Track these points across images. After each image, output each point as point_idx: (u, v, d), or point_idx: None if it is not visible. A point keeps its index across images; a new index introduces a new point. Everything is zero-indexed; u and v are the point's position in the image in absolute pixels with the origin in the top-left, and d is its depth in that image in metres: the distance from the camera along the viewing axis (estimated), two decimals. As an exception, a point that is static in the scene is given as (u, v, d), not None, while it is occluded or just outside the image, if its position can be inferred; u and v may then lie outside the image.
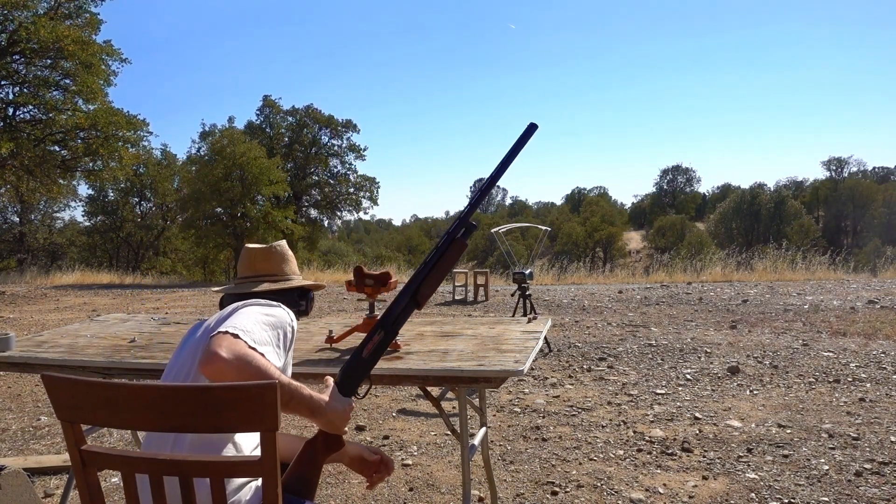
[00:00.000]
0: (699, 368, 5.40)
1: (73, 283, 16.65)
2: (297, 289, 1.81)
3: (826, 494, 2.87)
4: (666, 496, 2.91)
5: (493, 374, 1.83)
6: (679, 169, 74.04)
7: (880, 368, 5.22)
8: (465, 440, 2.01)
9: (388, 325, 1.46)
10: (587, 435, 3.77)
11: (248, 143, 23.03)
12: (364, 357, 1.44)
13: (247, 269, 1.82)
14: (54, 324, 8.94)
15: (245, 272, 1.82)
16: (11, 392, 5.09)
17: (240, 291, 1.74)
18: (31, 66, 14.98)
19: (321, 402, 1.39)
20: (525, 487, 3.06)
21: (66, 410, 1.15)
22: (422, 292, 1.48)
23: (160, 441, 1.37)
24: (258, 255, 1.82)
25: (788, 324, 7.50)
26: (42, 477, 3.24)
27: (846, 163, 64.05)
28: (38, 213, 29.23)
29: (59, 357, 2.22)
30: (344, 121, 31.34)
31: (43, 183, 15.74)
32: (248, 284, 1.78)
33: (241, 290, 1.75)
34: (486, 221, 57.47)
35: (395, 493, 3.02)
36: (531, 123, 1.55)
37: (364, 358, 1.44)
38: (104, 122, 14.92)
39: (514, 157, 1.55)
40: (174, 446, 1.35)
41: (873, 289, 10.74)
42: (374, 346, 1.44)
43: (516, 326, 2.45)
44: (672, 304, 9.80)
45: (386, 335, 1.45)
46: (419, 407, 4.45)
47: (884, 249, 25.45)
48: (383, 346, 1.46)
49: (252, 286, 1.75)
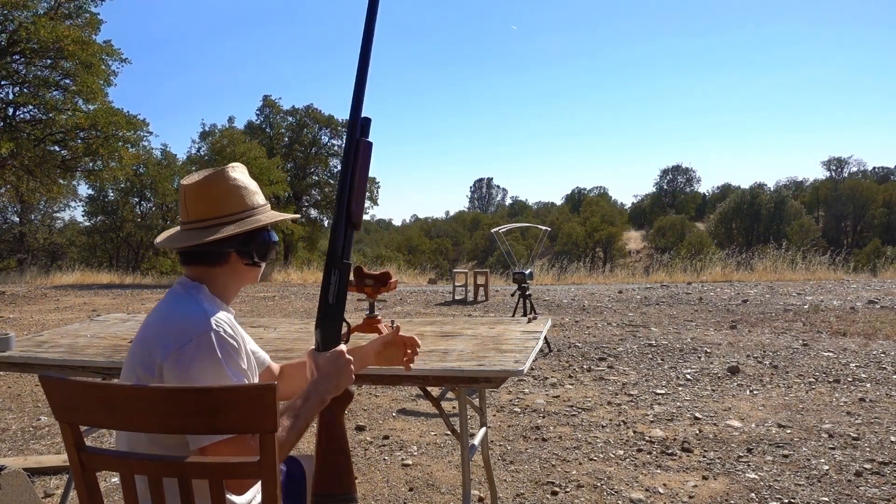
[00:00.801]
0: (699, 368, 5.39)
1: (73, 283, 16.65)
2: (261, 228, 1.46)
3: (826, 494, 2.87)
4: (666, 496, 2.91)
5: (493, 374, 1.82)
6: (679, 169, 74.04)
7: (880, 368, 5.22)
8: (465, 440, 2.01)
9: (338, 259, 1.40)
10: (587, 435, 3.77)
11: (248, 143, 23.06)
12: (332, 303, 1.40)
13: (201, 209, 1.43)
14: (54, 324, 8.94)
15: (198, 214, 1.43)
16: (11, 392, 5.09)
17: (191, 244, 1.40)
18: (31, 66, 14.97)
19: (313, 389, 1.34)
20: (525, 487, 3.06)
21: (65, 412, 1.15)
22: (354, 211, 1.41)
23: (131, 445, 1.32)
24: (214, 188, 1.43)
25: (788, 324, 7.50)
26: (42, 477, 3.24)
27: (846, 163, 64.13)
28: (38, 213, 29.25)
29: (59, 357, 2.22)
30: (344, 121, 31.32)
31: (43, 183, 15.74)
32: (201, 232, 1.42)
33: (193, 241, 1.40)
34: (486, 221, 57.52)
35: (395, 493, 3.02)
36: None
37: (332, 304, 1.40)
38: (104, 122, 14.91)
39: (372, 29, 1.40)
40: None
41: (873, 289, 10.74)
42: (336, 288, 1.40)
43: (516, 326, 2.45)
44: (672, 304, 9.80)
45: (341, 271, 1.40)
46: (419, 407, 4.45)
47: (884, 249, 25.45)
48: (344, 284, 1.40)
49: (208, 234, 1.40)
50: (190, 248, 1.42)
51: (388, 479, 3.19)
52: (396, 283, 2.26)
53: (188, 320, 1.31)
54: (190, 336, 1.28)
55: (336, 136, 31.41)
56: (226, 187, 1.44)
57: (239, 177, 1.47)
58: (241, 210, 1.44)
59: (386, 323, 2.26)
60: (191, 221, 1.44)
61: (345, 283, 1.40)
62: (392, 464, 3.40)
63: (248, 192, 1.47)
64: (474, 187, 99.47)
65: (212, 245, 1.40)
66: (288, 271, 19.24)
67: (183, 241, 1.42)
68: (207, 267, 1.44)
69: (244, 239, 1.43)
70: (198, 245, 1.40)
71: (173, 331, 1.30)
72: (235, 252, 1.43)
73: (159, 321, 1.36)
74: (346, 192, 1.39)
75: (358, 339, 2.32)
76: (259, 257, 1.46)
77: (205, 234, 1.40)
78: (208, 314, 1.32)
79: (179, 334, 1.28)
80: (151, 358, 1.29)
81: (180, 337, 1.28)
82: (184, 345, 1.27)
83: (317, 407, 1.34)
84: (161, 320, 1.36)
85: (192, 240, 1.41)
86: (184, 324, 1.30)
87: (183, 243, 1.42)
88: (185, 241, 1.42)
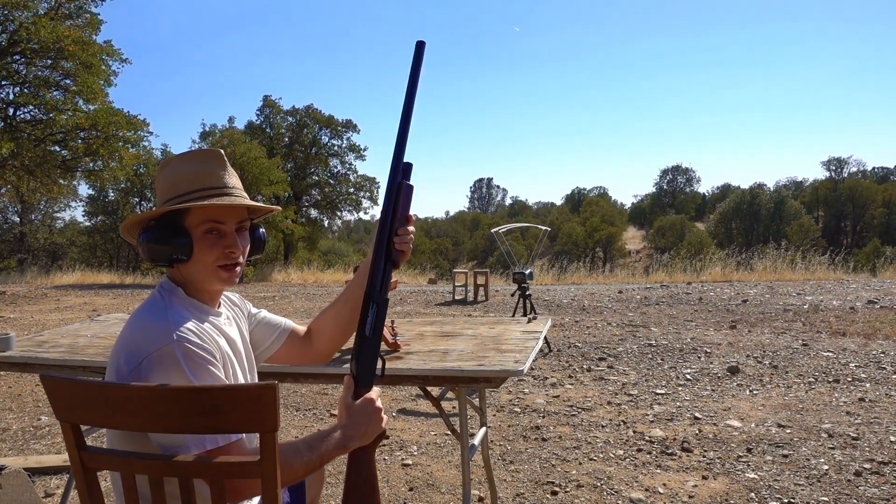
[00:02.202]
0: (699, 368, 5.40)
1: (74, 283, 16.65)
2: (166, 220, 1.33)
3: (826, 494, 2.88)
4: (666, 496, 2.91)
5: (493, 374, 1.83)
6: (679, 169, 74.08)
7: (880, 368, 5.22)
8: (465, 440, 2.01)
9: (376, 294, 1.38)
10: (587, 435, 3.78)
11: (248, 143, 23.04)
12: (368, 336, 1.37)
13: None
14: (55, 324, 8.94)
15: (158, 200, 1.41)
16: (12, 392, 5.10)
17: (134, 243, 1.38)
18: (32, 66, 14.97)
19: (340, 433, 1.28)
20: (525, 487, 3.06)
21: (66, 411, 1.15)
22: (394, 249, 1.40)
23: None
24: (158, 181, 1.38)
25: (788, 324, 7.50)
26: (42, 477, 3.24)
27: (846, 163, 64.12)
28: (39, 213, 29.26)
29: (59, 357, 2.22)
30: (344, 121, 31.33)
31: (43, 183, 15.74)
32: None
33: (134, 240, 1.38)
34: (486, 221, 57.52)
35: (395, 493, 3.02)
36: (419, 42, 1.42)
37: (368, 336, 1.37)
38: (104, 122, 14.91)
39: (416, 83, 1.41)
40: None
41: (873, 289, 10.74)
42: (373, 321, 1.37)
43: (516, 326, 2.45)
44: (672, 304, 9.80)
45: (379, 306, 1.38)
46: (419, 407, 4.45)
47: (883, 249, 25.45)
48: (382, 318, 1.38)
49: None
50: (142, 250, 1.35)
51: (388, 479, 3.19)
52: (397, 283, 2.27)
53: (148, 332, 1.24)
54: (149, 351, 1.21)
55: (336, 137, 31.41)
56: (159, 178, 1.37)
57: (176, 166, 1.38)
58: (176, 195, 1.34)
59: (386, 323, 2.26)
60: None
61: (382, 318, 1.39)
62: (392, 464, 3.41)
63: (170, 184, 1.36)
64: (474, 187, 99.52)
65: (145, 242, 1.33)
66: (288, 271, 19.24)
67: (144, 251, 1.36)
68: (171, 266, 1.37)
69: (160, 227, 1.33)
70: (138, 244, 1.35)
71: (135, 342, 1.24)
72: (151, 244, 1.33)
73: (126, 330, 1.30)
74: (387, 231, 1.39)
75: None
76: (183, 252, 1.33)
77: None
78: (171, 325, 1.24)
79: (138, 349, 1.23)
80: (120, 370, 1.25)
81: (139, 352, 1.22)
82: (142, 360, 1.21)
83: (337, 451, 1.28)
84: (128, 329, 1.30)
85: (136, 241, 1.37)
86: (143, 336, 1.24)
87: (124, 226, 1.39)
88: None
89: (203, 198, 1.32)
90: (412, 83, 1.41)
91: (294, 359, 1.67)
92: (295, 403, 4.61)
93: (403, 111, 1.40)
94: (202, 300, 1.41)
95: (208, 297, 1.43)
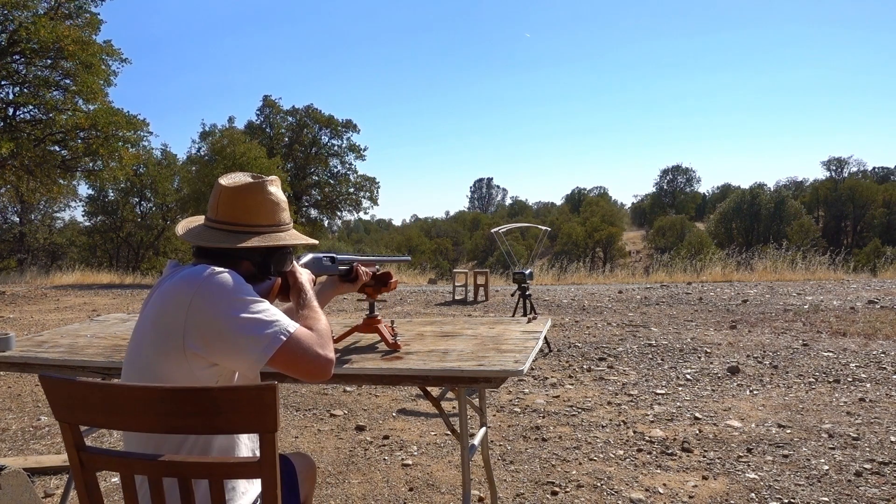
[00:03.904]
0: (699, 368, 5.39)
1: (73, 283, 16.65)
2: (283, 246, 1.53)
3: (826, 494, 2.87)
4: (666, 496, 2.91)
5: (493, 374, 1.82)
6: (679, 169, 74.11)
7: (880, 368, 5.22)
8: (465, 440, 2.01)
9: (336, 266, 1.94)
10: (587, 435, 3.77)
11: (248, 143, 23.05)
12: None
13: (231, 213, 1.47)
14: (54, 324, 8.94)
15: (228, 216, 1.47)
16: (11, 392, 5.09)
17: (219, 245, 1.44)
18: (32, 66, 14.98)
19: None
20: (525, 487, 3.06)
21: (65, 411, 1.15)
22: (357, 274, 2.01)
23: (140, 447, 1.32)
24: (249, 198, 1.47)
25: (788, 324, 7.50)
26: (42, 477, 3.24)
27: (846, 163, 64.18)
28: (39, 213, 29.25)
29: (59, 357, 2.22)
30: (344, 121, 31.37)
31: (43, 183, 15.74)
32: (228, 235, 1.46)
33: (220, 243, 1.44)
34: (486, 221, 57.53)
35: (395, 493, 3.02)
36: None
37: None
38: (104, 122, 14.91)
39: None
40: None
41: (873, 289, 10.74)
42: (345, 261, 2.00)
43: (516, 326, 2.45)
44: (672, 304, 9.80)
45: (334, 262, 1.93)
46: (419, 407, 4.45)
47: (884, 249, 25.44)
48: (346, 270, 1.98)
49: (235, 240, 1.45)
50: (205, 247, 1.45)
51: (388, 479, 3.19)
52: (396, 284, 2.26)
53: (189, 274, 1.35)
54: (198, 280, 1.32)
55: (336, 137, 31.42)
56: (261, 199, 1.48)
57: (275, 192, 1.52)
58: (269, 223, 1.49)
59: (386, 323, 2.26)
60: (219, 221, 1.48)
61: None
62: (392, 464, 3.40)
63: (279, 208, 1.52)
64: (474, 187, 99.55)
65: (234, 249, 1.45)
66: (288, 271, 19.21)
67: (209, 240, 1.45)
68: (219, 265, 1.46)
69: (265, 252, 1.49)
70: (211, 247, 1.45)
71: (181, 287, 1.33)
72: (251, 262, 1.48)
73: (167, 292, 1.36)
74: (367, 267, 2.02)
75: (358, 338, 2.33)
76: (274, 272, 1.53)
77: (232, 238, 1.45)
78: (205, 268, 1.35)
79: (186, 286, 1.32)
80: (173, 323, 1.30)
81: (188, 287, 1.31)
82: (198, 287, 1.31)
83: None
84: (168, 290, 1.36)
85: (218, 241, 1.44)
86: (186, 278, 1.34)
87: (209, 242, 1.45)
88: (210, 241, 1.45)
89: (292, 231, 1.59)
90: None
91: None
92: (295, 403, 4.61)
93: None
94: None
95: None
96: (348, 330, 2.30)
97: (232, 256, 1.45)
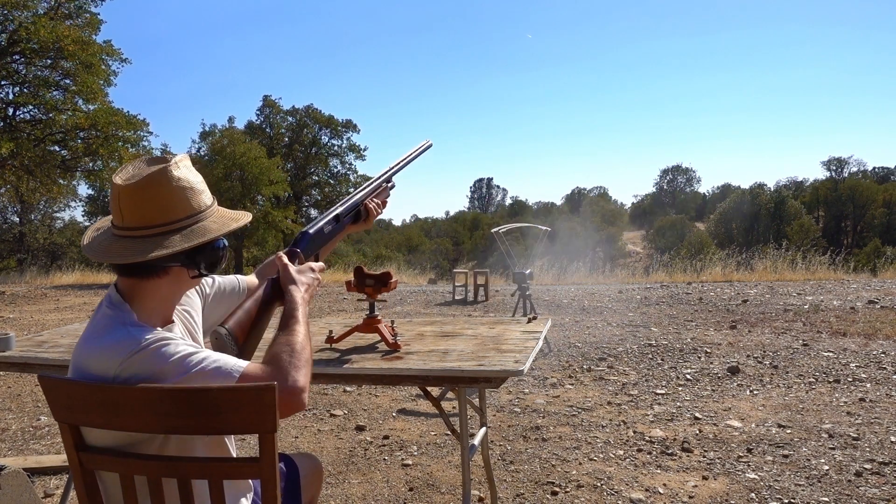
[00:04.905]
0: (699, 368, 5.39)
1: (73, 283, 16.64)
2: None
3: (826, 494, 2.87)
4: (666, 496, 2.91)
5: (493, 374, 1.82)
6: (679, 169, 74.20)
7: (880, 368, 5.22)
8: (465, 440, 2.01)
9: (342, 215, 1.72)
10: (587, 435, 3.77)
11: (248, 143, 23.05)
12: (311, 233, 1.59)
13: (139, 215, 1.23)
14: (54, 324, 8.94)
15: (136, 220, 1.23)
16: (11, 392, 5.09)
17: (134, 260, 1.21)
18: (32, 66, 14.98)
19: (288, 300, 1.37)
20: (525, 487, 3.05)
21: (64, 412, 1.15)
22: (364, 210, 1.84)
23: None
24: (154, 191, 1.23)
25: (788, 324, 7.50)
26: (42, 477, 3.24)
27: (846, 163, 64.22)
28: (38, 213, 29.26)
29: (59, 357, 2.22)
30: (344, 121, 31.38)
31: (43, 183, 15.75)
32: (142, 243, 1.22)
33: (136, 256, 1.20)
34: (486, 221, 57.48)
35: (395, 493, 3.02)
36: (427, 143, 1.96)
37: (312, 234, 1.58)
38: (104, 122, 14.92)
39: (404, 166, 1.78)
40: None
41: (873, 289, 10.74)
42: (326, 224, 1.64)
43: (516, 326, 2.44)
44: (672, 304, 9.80)
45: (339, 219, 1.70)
46: (419, 407, 4.44)
47: (884, 249, 25.44)
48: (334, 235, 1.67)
49: (152, 246, 1.21)
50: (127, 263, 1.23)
51: (388, 479, 3.19)
52: (396, 283, 2.26)
53: (111, 348, 1.16)
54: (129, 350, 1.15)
55: (336, 137, 31.43)
56: (169, 189, 1.23)
57: (184, 175, 1.26)
58: (186, 216, 1.25)
59: (386, 323, 2.26)
60: (127, 227, 1.23)
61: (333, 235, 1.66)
62: (392, 464, 3.40)
63: (194, 192, 1.27)
64: (474, 187, 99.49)
65: (158, 259, 1.21)
66: (288, 271, 19.21)
67: (120, 256, 1.22)
68: (142, 279, 1.26)
69: (191, 251, 1.24)
70: (131, 263, 1.22)
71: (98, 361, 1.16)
72: (180, 265, 1.26)
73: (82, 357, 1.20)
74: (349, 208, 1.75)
75: (358, 338, 2.33)
76: (208, 269, 1.30)
77: (146, 245, 1.21)
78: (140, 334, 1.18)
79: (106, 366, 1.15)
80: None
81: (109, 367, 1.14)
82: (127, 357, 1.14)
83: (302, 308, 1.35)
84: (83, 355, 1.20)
85: (131, 254, 1.21)
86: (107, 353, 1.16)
87: (121, 259, 1.22)
88: (122, 256, 1.22)
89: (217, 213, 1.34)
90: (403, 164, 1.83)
91: None
92: (295, 403, 4.61)
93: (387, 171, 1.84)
94: (161, 313, 1.31)
95: (168, 309, 1.34)
96: (348, 330, 2.30)
97: (153, 266, 1.23)
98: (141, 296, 1.26)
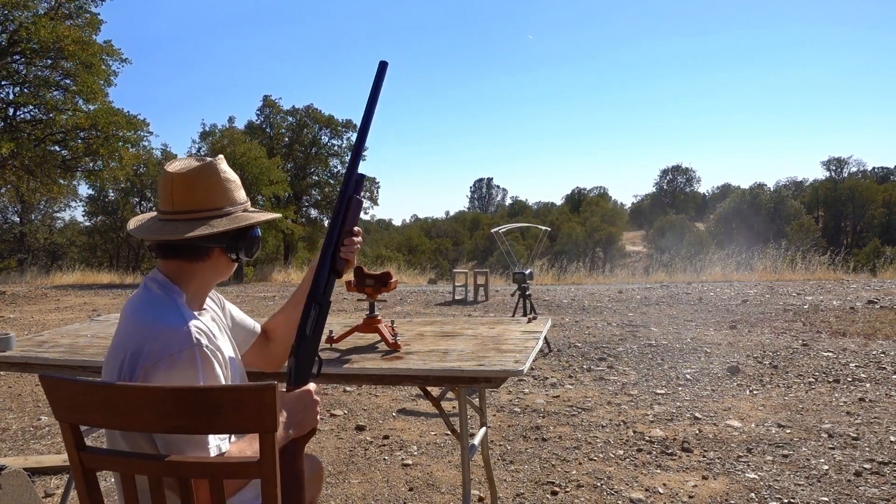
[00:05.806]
0: (699, 368, 5.39)
1: (74, 283, 16.65)
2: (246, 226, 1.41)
3: (826, 494, 2.87)
4: (666, 496, 2.91)
5: (493, 374, 1.82)
6: (679, 169, 74.19)
7: (880, 368, 5.22)
8: (465, 440, 2.01)
9: (319, 296, 1.42)
10: (587, 435, 3.77)
11: (248, 143, 23.03)
12: (308, 335, 1.39)
13: (190, 200, 1.36)
14: (54, 324, 8.94)
15: (185, 205, 1.36)
16: (12, 392, 5.09)
17: (182, 236, 1.32)
18: (32, 66, 14.97)
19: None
20: (525, 487, 3.06)
21: (65, 411, 1.15)
22: (339, 260, 1.47)
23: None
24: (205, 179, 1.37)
25: (788, 324, 7.50)
26: (42, 477, 3.24)
27: (846, 163, 64.19)
28: (39, 213, 29.25)
29: (59, 357, 2.22)
30: (344, 121, 31.32)
31: (43, 183, 15.73)
32: (191, 224, 1.34)
33: (186, 233, 1.32)
34: (486, 221, 57.50)
35: (395, 493, 3.02)
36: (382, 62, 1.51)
37: (309, 336, 1.39)
38: (104, 122, 14.90)
39: (375, 100, 1.49)
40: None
41: (873, 289, 10.74)
42: (314, 322, 1.40)
43: (516, 326, 2.45)
44: (672, 304, 9.80)
45: (321, 307, 1.41)
46: (419, 407, 4.45)
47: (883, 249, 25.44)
48: (323, 319, 1.42)
49: (200, 227, 1.34)
50: (174, 241, 1.34)
51: (388, 479, 3.19)
52: (396, 283, 2.27)
53: (171, 333, 1.26)
54: (172, 350, 1.23)
55: (336, 137, 31.42)
56: (216, 180, 1.39)
57: (228, 170, 1.43)
58: (230, 204, 1.40)
59: (386, 323, 2.26)
60: (176, 212, 1.36)
61: (323, 319, 1.42)
62: (392, 464, 3.41)
63: (236, 186, 1.43)
64: (474, 187, 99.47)
65: (198, 239, 1.33)
66: (288, 271, 19.23)
67: (168, 234, 1.33)
68: (186, 262, 1.37)
69: (234, 235, 1.38)
70: (184, 239, 1.33)
71: (157, 340, 1.25)
72: (220, 248, 1.39)
73: (141, 327, 1.29)
74: (334, 241, 1.46)
75: (358, 338, 2.33)
76: (246, 254, 1.43)
77: (193, 227, 1.33)
78: (191, 326, 1.27)
79: (162, 347, 1.24)
80: (133, 362, 1.25)
81: (163, 350, 1.23)
82: (159, 362, 1.23)
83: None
84: (143, 326, 1.29)
85: (178, 232, 1.32)
86: (166, 336, 1.25)
87: (168, 236, 1.33)
88: (170, 234, 1.33)
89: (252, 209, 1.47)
90: (372, 101, 1.48)
91: (256, 362, 1.66)
92: (295, 403, 4.61)
93: (361, 127, 1.48)
94: (200, 296, 1.44)
95: (205, 293, 1.46)
96: (348, 330, 2.30)
97: (197, 248, 1.35)
98: (185, 279, 1.38)
